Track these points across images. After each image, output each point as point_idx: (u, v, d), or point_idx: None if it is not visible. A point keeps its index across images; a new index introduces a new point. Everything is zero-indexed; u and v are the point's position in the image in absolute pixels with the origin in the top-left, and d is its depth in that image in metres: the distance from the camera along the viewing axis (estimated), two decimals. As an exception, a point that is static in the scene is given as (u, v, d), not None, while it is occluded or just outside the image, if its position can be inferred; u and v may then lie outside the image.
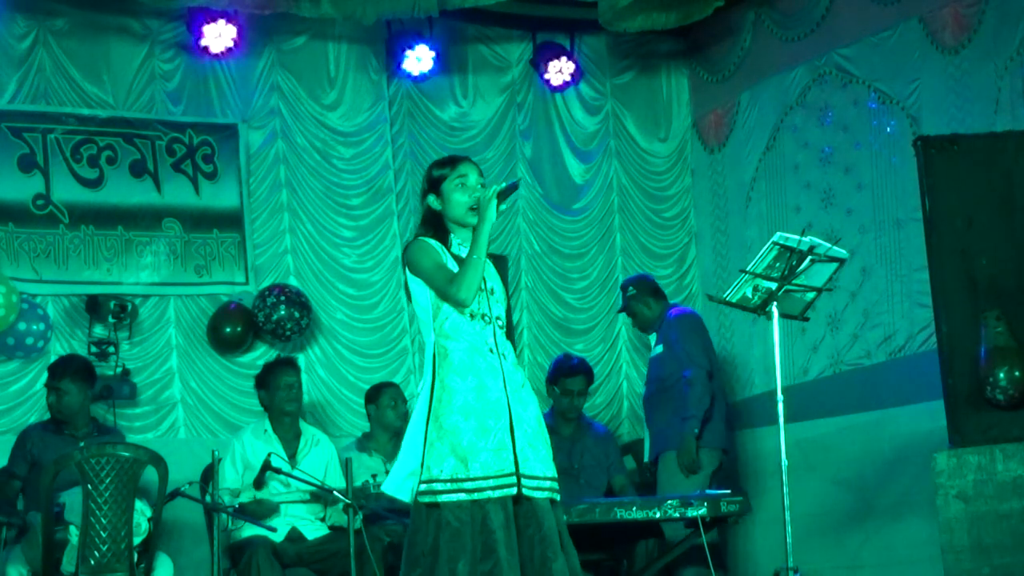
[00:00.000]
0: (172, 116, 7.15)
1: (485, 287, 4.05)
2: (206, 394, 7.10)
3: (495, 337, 4.02)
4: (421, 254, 4.01)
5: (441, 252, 4.02)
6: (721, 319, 7.75)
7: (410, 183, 7.57)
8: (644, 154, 8.07)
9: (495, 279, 4.13)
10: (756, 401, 7.34)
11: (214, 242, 7.16)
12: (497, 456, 3.92)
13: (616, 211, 7.98)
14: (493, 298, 4.07)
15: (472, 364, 3.96)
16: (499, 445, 3.93)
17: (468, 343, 3.98)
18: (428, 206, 4.07)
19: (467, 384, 3.95)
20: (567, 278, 7.89)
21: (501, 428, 3.94)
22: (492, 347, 4.00)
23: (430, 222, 4.08)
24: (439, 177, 4.05)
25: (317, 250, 7.42)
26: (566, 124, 7.95)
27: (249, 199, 7.27)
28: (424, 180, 4.10)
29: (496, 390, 3.98)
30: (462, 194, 4.02)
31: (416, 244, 4.04)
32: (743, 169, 7.63)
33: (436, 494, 3.90)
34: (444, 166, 4.08)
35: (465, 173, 4.04)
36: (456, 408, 3.93)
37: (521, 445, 3.96)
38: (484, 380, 3.96)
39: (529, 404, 4.06)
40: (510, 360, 4.06)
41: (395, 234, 7.52)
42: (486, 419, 3.93)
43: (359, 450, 6.47)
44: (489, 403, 3.95)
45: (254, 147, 7.33)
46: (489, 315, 4.03)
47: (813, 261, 5.13)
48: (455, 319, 3.99)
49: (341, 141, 7.50)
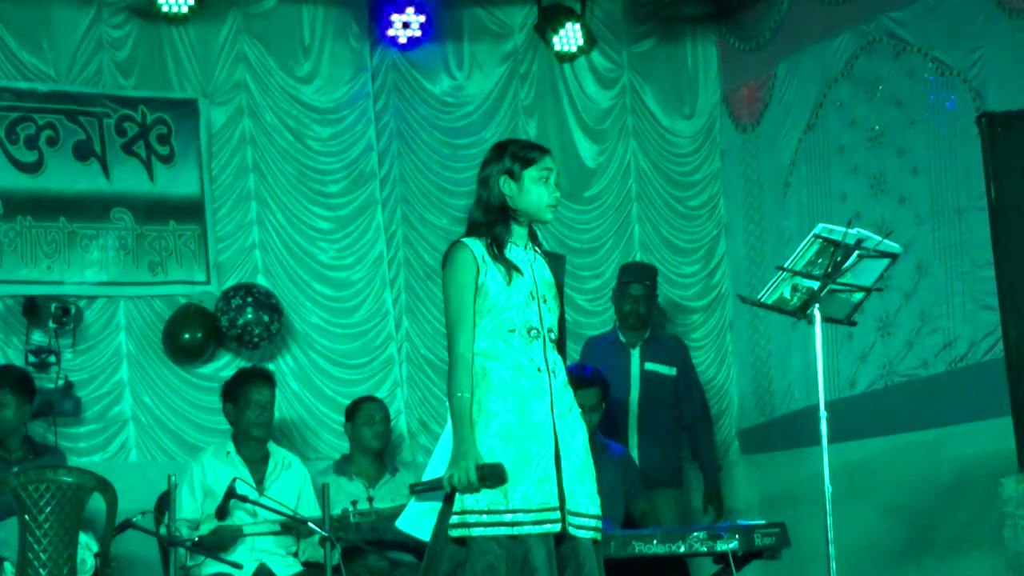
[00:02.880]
0: (122, 90, 7.15)
1: (536, 295, 4.08)
2: (161, 410, 7.09)
3: (545, 352, 4.06)
4: (451, 271, 4.05)
5: (481, 264, 4.04)
6: (755, 324, 7.77)
7: (396, 166, 7.59)
8: (666, 133, 8.06)
9: (548, 284, 4.14)
10: (796, 418, 7.34)
11: (171, 235, 7.15)
12: (539, 488, 3.93)
13: (634, 199, 7.98)
14: (545, 307, 4.09)
15: (515, 384, 4.00)
16: (543, 475, 3.94)
17: (512, 361, 4.02)
18: (495, 190, 4.08)
19: (507, 405, 3.98)
20: (577, 276, 7.83)
21: (545, 456, 3.96)
22: (541, 365, 4.04)
23: (490, 211, 4.09)
24: (526, 159, 4.08)
25: (289, 244, 7.41)
26: (576, 99, 7.94)
27: (211, 186, 7.26)
28: (498, 157, 4.11)
29: (541, 413, 4.00)
30: (545, 189, 4.07)
31: (452, 255, 4.08)
32: (780, 151, 7.63)
33: (470, 527, 3.92)
34: (533, 149, 4.13)
35: (552, 168, 4.11)
36: (494, 432, 3.96)
37: (568, 478, 3.99)
38: (528, 401, 3.99)
39: (578, 431, 4.08)
40: (560, 379, 4.08)
41: (379, 226, 7.52)
42: (528, 445, 3.95)
43: (337, 474, 6.48)
44: (532, 427, 3.97)
45: (216, 126, 7.31)
46: (539, 328, 4.06)
47: (861, 257, 5.13)
48: (496, 337, 4.03)
49: (317, 119, 7.50)
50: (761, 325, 7.72)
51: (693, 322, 7.96)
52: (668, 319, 7.92)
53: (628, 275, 7.11)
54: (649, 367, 7.00)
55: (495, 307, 4.04)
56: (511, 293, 4.04)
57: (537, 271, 4.13)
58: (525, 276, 4.07)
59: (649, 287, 7.04)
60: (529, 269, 4.10)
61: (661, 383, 7.00)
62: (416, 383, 7.49)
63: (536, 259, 4.16)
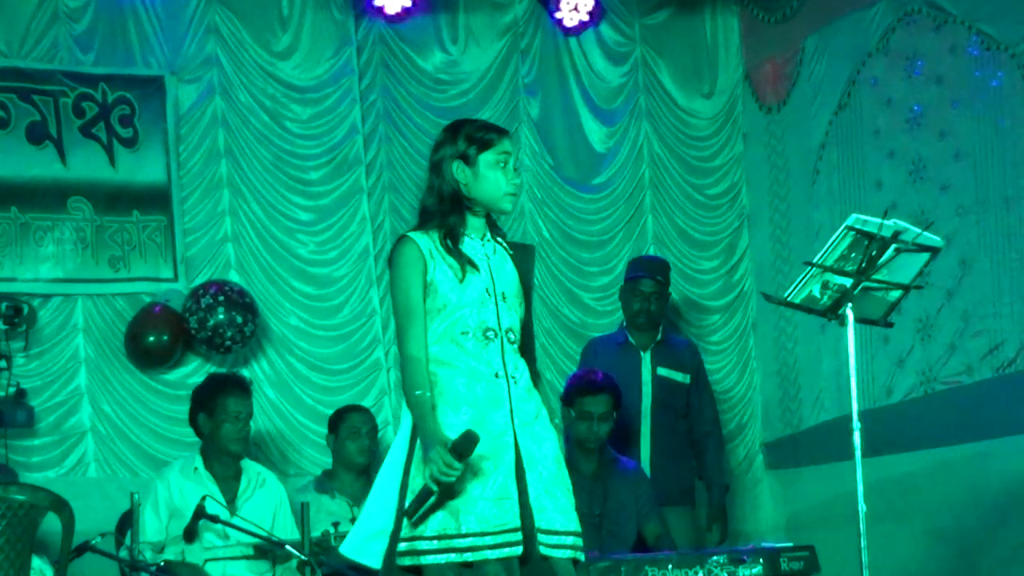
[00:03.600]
0: (81, 67, 7.14)
1: (494, 292, 4.07)
2: (123, 421, 7.08)
3: (503, 356, 4.05)
4: (396, 269, 4.05)
5: (429, 259, 4.04)
6: (781, 325, 7.76)
7: (384, 151, 7.58)
8: (683, 114, 8.07)
9: (510, 279, 4.13)
10: (826, 430, 7.32)
11: (134, 227, 7.15)
12: (498, 507, 3.92)
13: (647, 187, 7.98)
14: (504, 305, 4.08)
15: (469, 394, 3.99)
16: (500, 493, 3.94)
17: (466, 367, 4.01)
18: (449, 176, 4.08)
19: (460, 417, 3.96)
20: (584, 273, 7.89)
21: (503, 471, 3.95)
22: (499, 370, 4.03)
23: (443, 200, 4.08)
24: (482, 142, 4.07)
25: (265, 237, 7.41)
26: (583, 76, 7.94)
27: (179, 172, 7.26)
28: (451, 140, 4.10)
29: (499, 423, 3.99)
30: (502, 174, 4.06)
31: (397, 250, 4.07)
32: (809, 134, 7.62)
33: (419, 554, 3.92)
34: (489, 131, 4.10)
35: (511, 152, 4.09)
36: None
37: (536, 492, 3.98)
38: (484, 411, 3.98)
39: (544, 440, 4.07)
40: (522, 384, 4.07)
41: (365, 217, 7.51)
42: (484, 460, 3.94)
43: (318, 491, 6.48)
44: (490, 440, 3.94)
45: (185, 106, 7.31)
46: (497, 329, 4.05)
47: (898, 251, 5.14)
48: (448, 340, 4.02)
49: (296, 98, 7.49)
50: (788, 327, 7.71)
51: (712, 323, 7.98)
52: (683, 319, 7.94)
53: (638, 270, 7.10)
54: (662, 373, 6.99)
55: (446, 307, 4.02)
56: (464, 291, 4.02)
57: (496, 266, 4.10)
58: (481, 272, 4.05)
59: (661, 283, 7.03)
60: (486, 264, 4.09)
61: (674, 391, 6.99)
62: (405, 391, 7.47)
63: (496, 252, 4.14)
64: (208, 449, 6.20)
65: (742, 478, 7.87)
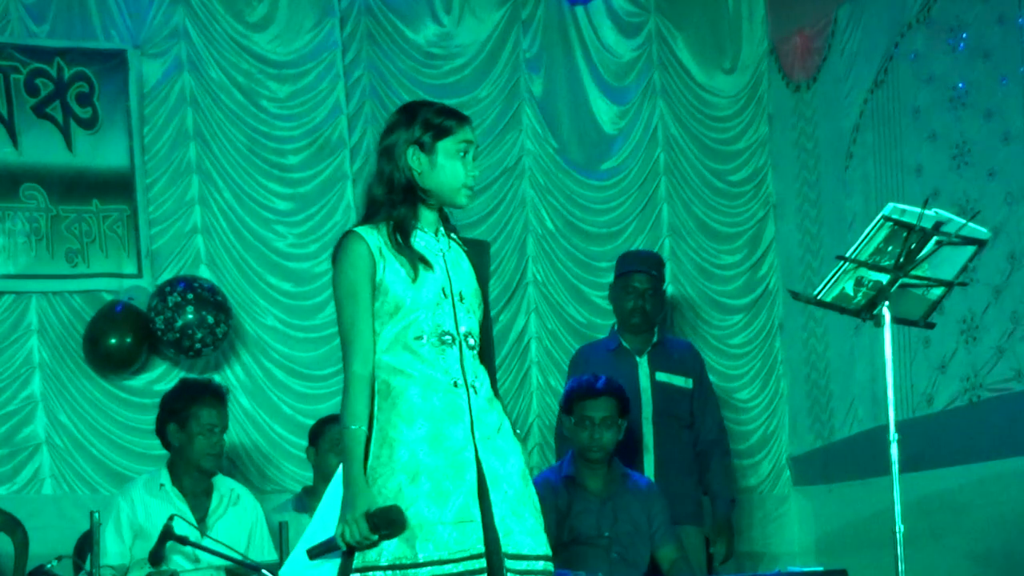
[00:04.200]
0: (34, 39, 7.16)
1: (451, 292, 4.06)
2: (82, 432, 7.08)
3: (462, 363, 4.04)
4: (340, 269, 4.03)
5: (378, 257, 4.02)
6: (810, 326, 7.75)
7: (370, 133, 7.53)
8: (702, 92, 8.08)
9: (467, 278, 4.13)
10: (860, 442, 7.33)
11: (93, 217, 7.15)
12: (459, 531, 3.91)
13: (662, 173, 7.97)
14: (462, 307, 4.08)
15: (425, 405, 3.98)
16: (461, 515, 3.93)
17: (421, 376, 4.00)
18: (403, 162, 4.07)
19: (416, 431, 3.95)
20: (592, 268, 7.87)
21: (464, 491, 3.94)
22: (457, 378, 4.03)
23: (394, 190, 4.07)
24: (441, 128, 4.07)
25: (239, 228, 7.42)
26: (591, 50, 7.93)
27: (143, 156, 7.26)
28: (406, 124, 4.09)
29: (459, 437, 3.98)
30: (461, 165, 4.07)
31: (342, 248, 4.06)
32: (841, 114, 7.62)
33: None
34: (449, 116, 4.10)
35: (472, 141, 4.10)
36: (400, 466, 3.92)
37: (501, 513, 3.98)
38: (442, 425, 3.97)
39: (508, 455, 4.07)
40: (483, 394, 4.07)
41: (349, 205, 7.50)
42: (443, 480, 3.93)
43: (298, 510, 6.47)
44: (448, 457, 3.95)
45: (150, 83, 7.33)
46: (454, 333, 4.04)
47: (940, 244, 5.12)
48: (400, 346, 4.01)
49: (273, 75, 7.51)
50: (818, 328, 7.71)
51: (734, 324, 7.98)
52: (701, 319, 7.97)
53: (630, 264, 7.04)
54: (661, 378, 6.95)
55: (399, 309, 4.01)
56: (418, 291, 4.01)
57: (451, 263, 4.10)
58: (435, 270, 4.05)
59: (656, 278, 7.00)
60: (441, 261, 4.08)
61: (676, 397, 6.96)
62: (392, 399, 7.45)
63: (451, 248, 4.14)
64: (177, 463, 6.18)
65: (767, 495, 7.90)
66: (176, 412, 6.17)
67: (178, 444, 6.15)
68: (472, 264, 4.14)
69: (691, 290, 7.83)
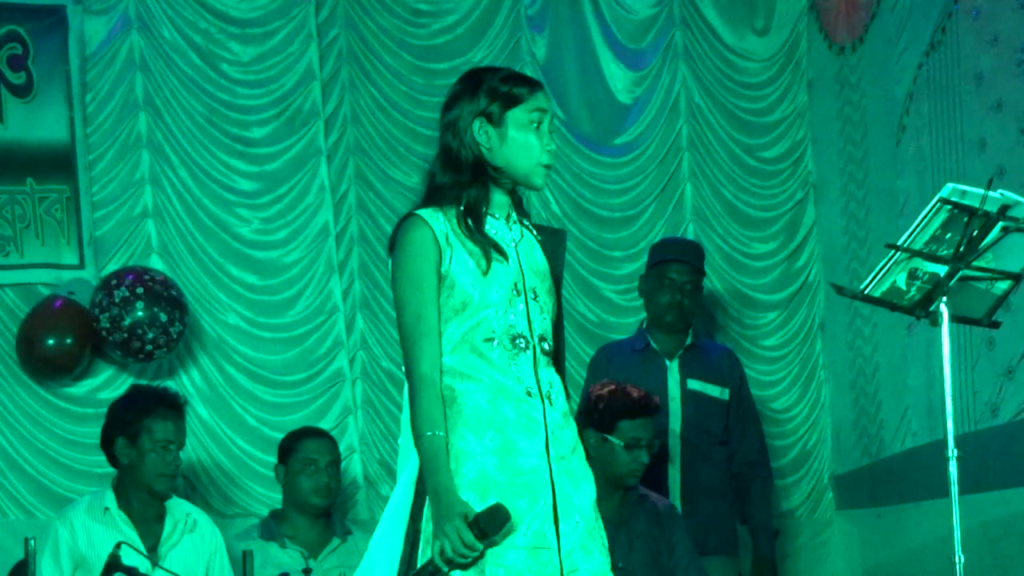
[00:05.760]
0: (-42, -7, 7.19)
1: (524, 288, 4.06)
2: (15, 447, 7.12)
3: (536, 370, 4.05)
4: (403, 258, 4.02)
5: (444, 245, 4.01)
6: (857, 325, 7.73)
7: (348, 102, 7.65)
8: (731, 56, 8.11)
9: (541, 273, 4.11)
10: (914, 458, 7.29)
11: (27, 199, 7.21)
12: (534, 558, 3.93)
13: (684, 148, 7.99)
14: (536, 305, 4.08)
15: (495, 415, 3.98)
16: (537, 540, 3.93)
17: (491, 382, 4.01)
18: (469, 138, 4.06)
19: (484, 444, 3.96)
20: (605, 258, 7.92)
21: (540, 514, 3.95)
22: (531, 386, 4.03)
23: (461, 169, 4.07)
24: (510, 96, 4.05)
25: (196, 212, 7.47)
26: (603, 6, 7.97)
27: (85, 129, 7.33)
28: (470, 93, 4.08)
29: (533, 455, 3.99)
30: (536, 138, 4.05)
31: (402, 234, 4.04)
32: (892, 80, 7.57)
33: None
34: (519, 83, 4.10)
35: (544, 108, 4.10)
36: (467, 482, 3.94)
37: (569, 546, 3.99)
38: (514, 438, 3.98)
39: (582, 481, 4.08)
40: (558, 407, 4.08)
41: (323, 186, 7.57)
42: (515, 500, 3.93)
43: (264, 538, 6.53)
44: (522, 474, 3.96)
45: (93, 44, 7.39)
46: (528, 336, 4.05)
47: (1007, 230, 5.09)
48: (468, 348, 4.01)
49: (235, 34, 7.59)
50: (865, 327, 7.70)
51: (768, 323, 8.01)
52: (731, 318, 8.01)
53: (666, 252, 7.03)
54: (693, 386, 6.95)
55: (467, 306, 4.01)
56: (489, 287, 4.02)
57: (524, 255, 4.09)
58: (509, 263, 4.05)
59: (696, 270, 7.00)
60: (514, 252, 4.08)
61: (709, 410, 6.97)
62: (376, 409, 7.54)
63: (524, 237, 4.14)
64: (125, 484, 6.17)
65: (807, 520, 7.93)
66: (126, 425, 6.17)
67: (127, 462, 6.14)
68: (546, 256, 4.15)
69: (718, 283, 7.82)
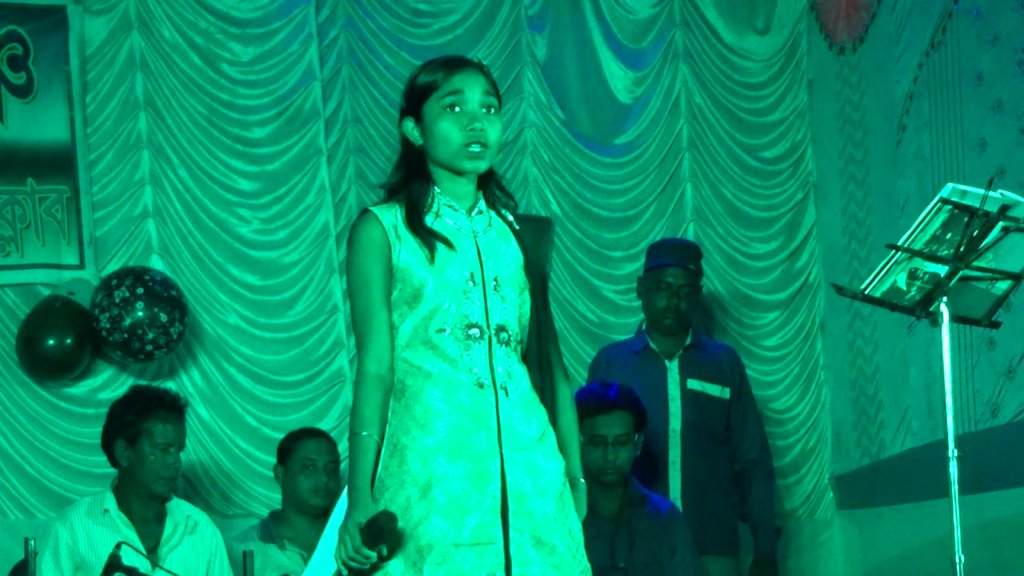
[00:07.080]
0: (-44, -7, 7.21)
1: (482, 278, 4.03)
2: (16, 447, 7.11)
3: (491, 360, 4.00)
4: (352, 254, 4.03)
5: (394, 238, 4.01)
6: (857, 326, 7.73)
7: (348, 102, 7.65)
8: (731, 55, 8.11)
9: (507, 262, 4.08)
10: (914, 459, 7.27)
11: (28, 199, 7.20)
12: (475, 554, 3.86)
13: (685, 148, 7.99)
14: (496, 295, 4.04)
15: (445, 409, 3.95)
16: (479, 535, 3.87)
17: (441, 375, 3.97)
18: (403, 138, 4.12)
19: (431, 439, 3.92)
20: (605, 258, 7.91)
21: (485, 508, 3.89)
22: (484, 378, 3.98)
23: (405, 167, 4.11)
24: (422, 89, 4.07)
25: (197, 212, 7.46)
26: (604, 6, 7.97)
27: (85, 129, 7.32)
28: (403, 94, 4.13)
29: (482, 447, 3.94)
30: (452, 123, 4.02)
31: (354, 230, 4.06)
32: (892, 80, 7.57)
33: None
34: (432, 72, 4.09)
35: (460, 88, 4.04)
36: (410, 478, 3.89)
37: (520, 539, 3.90)
38: (462, 433, 3.93)
39: (544, 472, 4.01)
40: (516, 397, 4.02)
41: (324, 186, 7.57)
42: (459, 494, 3.89)
43: (264, 539, 6.51)
44: (468, 468, 3.91)
45: (94, 44, 7.39)
46: (484, 326, 4.00)
47: (1007, 230, 5.11)
48: (419, 340, 3.98)
49: (236, 35, 7.58)
50: (865, 327, 7.70)
51: (768, 323, 8.01)
52: (731, 318, 8.01)
53: (663, 255, 7.02)
54: (694, 386, 6.95)
55: (419, 297, 3.99)
56: (439, 274, 3.99)
57: (486, 244, 4.06)
58: (459, 252, 4.02)
59: (694, 272, 7.00)
60: (470, 242, 4.05)
61: (710, 409, 6.97)
62: (377, 409, 7.43)
63: (491, 226, 4.10)
64: (125, 485, 6.15)
65: (807, 520, 7.92)
66: (125, 427, 6.15)
67: (127, 464, 6.13)
68: (523, 247, 4.11)
69: (719, 283, 7.82)
